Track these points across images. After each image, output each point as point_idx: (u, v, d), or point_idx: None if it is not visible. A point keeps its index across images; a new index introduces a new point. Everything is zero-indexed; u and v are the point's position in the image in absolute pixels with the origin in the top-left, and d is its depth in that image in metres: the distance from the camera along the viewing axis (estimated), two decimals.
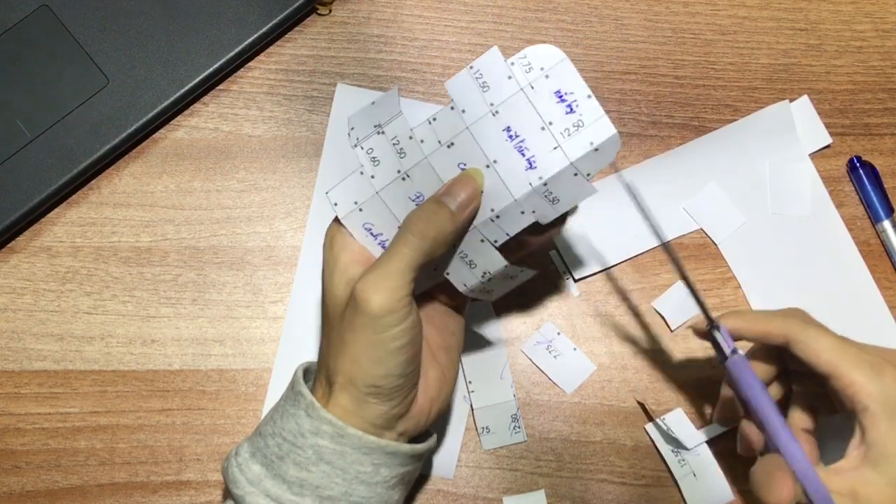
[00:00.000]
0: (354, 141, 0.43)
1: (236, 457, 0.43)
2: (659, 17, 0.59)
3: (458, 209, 0.41)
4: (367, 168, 0.43)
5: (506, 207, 0.42)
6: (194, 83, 0.55)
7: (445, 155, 0.42)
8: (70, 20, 0.55)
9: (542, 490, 0.52)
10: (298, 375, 0.44)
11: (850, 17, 0.59)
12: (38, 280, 0.54)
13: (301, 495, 0.41)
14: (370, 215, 0.43)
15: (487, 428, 0.52)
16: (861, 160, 0.56)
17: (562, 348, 0.54)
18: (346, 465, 0.41)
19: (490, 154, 0.42)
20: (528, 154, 0.42)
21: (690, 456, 0.52)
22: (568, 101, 0.41)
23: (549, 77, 0.41)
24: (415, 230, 0.40)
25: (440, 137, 0.42)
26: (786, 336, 0.42)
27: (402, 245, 0.40)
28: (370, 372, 0.40)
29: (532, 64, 0.42)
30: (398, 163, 0.42)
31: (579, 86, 0.41)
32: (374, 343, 0.40)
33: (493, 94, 0.42)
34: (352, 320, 0.40)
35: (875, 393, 0.39)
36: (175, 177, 0.56)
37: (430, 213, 0.41)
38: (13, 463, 0.52)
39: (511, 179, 0.42)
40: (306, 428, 0.41)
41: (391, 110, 0.42)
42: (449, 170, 0.42)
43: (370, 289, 0.40)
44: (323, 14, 0.58)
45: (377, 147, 0.43)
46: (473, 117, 0.42)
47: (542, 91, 0.41)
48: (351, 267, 0.42)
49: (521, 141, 0.42)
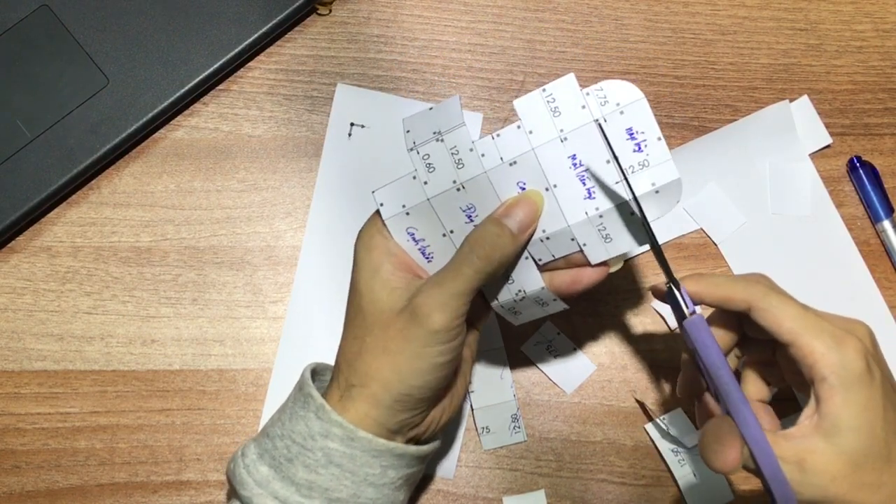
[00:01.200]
0: (411, 144, 0.43)
1: (243, 458, 0.43)
2: (659, 17, 0.59)
3: (519, 231, 0.41)
4: (420, 173, 0.42)
5: (557, 231, 0.42)
6: (194, 83, 0.55)
7: (506, 172, 0.42)
8: (70, 20, 0.55)
9: (542, 490, 0.52)
10: (307, 377, 0.43)
11: (850, 17, 0.59)
12: (38, 280, 0.54)
13: (310, 497, 0.41)
14: (416, 221, 0.43)
15: (487, 428, 0.52)
16: (861, 160, 0.56)
17: (562, 348, 0.54)
18: (355, 467, 0.41)
19: (551, 178, 0.42)
20: (589, 184, 0.42)
21: (690, 456, 0.52)
22: (638, 140, 0.41)
23: (623, 113, 0.41)
24: (480, 253, 0.40)
25: (503, 154, 0.42)
26: (748, 302, 0.41)
27: (467, 266, 0.40)
28: (409, 382, 0.41)
29: (608, 98, 0.42)
30: (455, 173, 0.42)
31: (651, 127, 0.41)
32: (422, 356, 0.41)
33: (563, 120, 0.41)
34: (405, 331, 0.41)
35: (834, 364, 0.38)
36: (175, 177, 0.56)
37: (494, 236, 0.41)
38: (13, 463, 0.52)
39: (567, 205, 0.42)
40: (316, 430, 0.41)
41: (453, 119, 0.42)
42: (507, 187, 0.42)
43: (434, 306, 0.40)
44: (323, 14, 0.58)
45: (434, 154, 0.42)
46: (541, 140, 0.41)
47: (614, 126, 0.41)
48: (395, 276, 0.42)
49: (585, 170, 0.42)
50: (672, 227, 0.55)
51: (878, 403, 0.38)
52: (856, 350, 0.39)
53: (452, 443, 0.52)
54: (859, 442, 0.38)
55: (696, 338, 0.40)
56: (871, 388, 0.38)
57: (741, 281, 0.42)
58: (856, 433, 0.38)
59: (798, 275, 0.55)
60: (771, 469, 0.38)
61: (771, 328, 0.40)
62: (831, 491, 0.38)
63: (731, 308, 0.42)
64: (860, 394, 0.38)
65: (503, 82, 0.57)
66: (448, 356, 0.41)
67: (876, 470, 0.38)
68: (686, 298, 0.42)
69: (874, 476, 0.38)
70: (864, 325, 0.41)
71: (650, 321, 0.54)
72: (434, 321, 0.40)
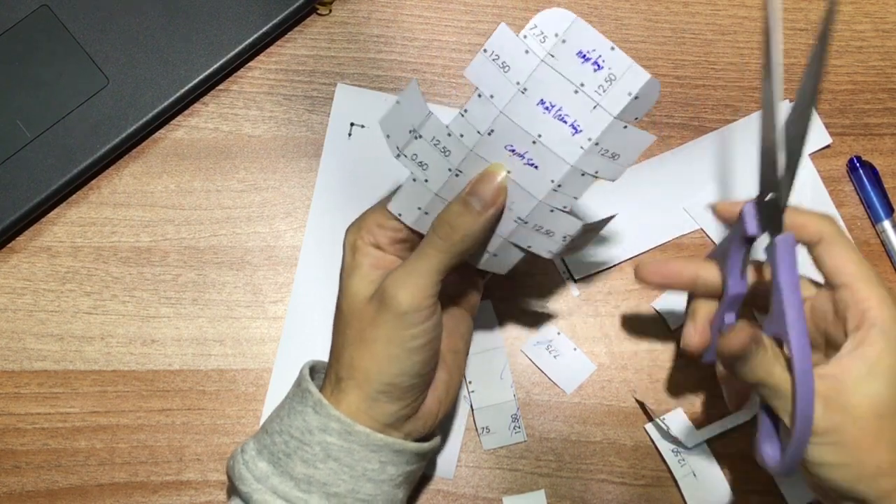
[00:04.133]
0: (395, 151, 0.43)
1: (243, 454, 0.43)
2: (659, 17, 0.59)
3: (483, 207, 0.41)
4: (417, 174, 0.43)
5: (565, 175, 0.42)
6: (194, 83, 0.55)
7: (488, 143, 0.42)
8: (70, 20, 0.55)
9: (542, 490, 0.52)
10: (305, 373, 0.44)
11: (850, 17, 0.59)
12: (38, 280, 0.54)
13: (308, 492, 0.41)
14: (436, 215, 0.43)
15: (487, 428, 0.52)
16: (861, 160, 0.56)
17: (562, 348, 0.54)
18: (353, 462, 0.41)
19: (533, 130, 0.42)
20: (570, 120, 0.41)
21: (690, 456, 0.52)
22: (593, 59, 0.41)
23: (566, 41, 0.41)
24: (441, 233, 0.41)
25: (478, 128, 0.42)
26: (821, 235, 0.42)
27: (428, 247, 0.41)
28: (385, 369, 0.41)
29: (545, 32, 0.41)
30: (446, 161, 0.42)
31: (599, 41, 0.41)
32: (395, 340, 0.41)
33: (515, 72, 0.41)
34: (375, 317, 0.41)
35: (886, 317, 0.39)
36: (175, 177, 0.56)
37: (455, 216, 0.41)
38: (13, 463, 0.52)
39: (561, 148, 0.42)
40: (314, 425, 0.41)
41: (419, 111, 0.42)
42: (497, 154, 0.42)
43: (398, 285, 0.41)
44: (323, 14, 0.58)
45: (420, 151, 0.43)
46: (504, 100, 0.41)
47: (563, 56, 0.41)
48: (372, 271, 0.43)
49: (559, 109, 0.41)
50: (672, 228, 0.55)
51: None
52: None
53: (452, 443, 0.52)
54: (890, 393, 0.38)
55: (782, 257, 0.40)
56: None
57: (816, 215, 0.43)
58: (889, 383, 0.38)
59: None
60: (805, 392, 0.38)
61: (835, 267, 0.41)
62: (848, 432, 0.38)
63: (802, 237, 0.42)
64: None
65: None
66: (422, 339, 0.41)
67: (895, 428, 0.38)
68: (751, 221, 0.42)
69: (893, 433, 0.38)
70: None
71: (650, 321, 0.54)
72: (400, 301, 0.40)
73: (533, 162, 0.42)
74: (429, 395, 0.44)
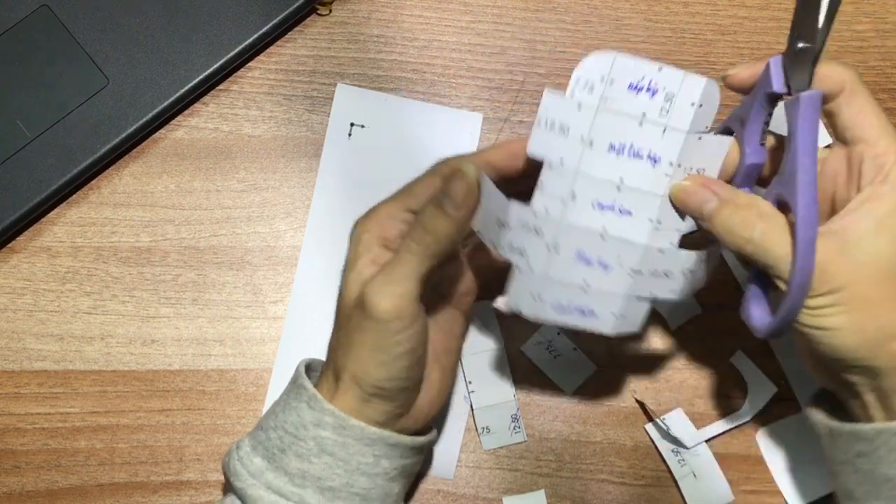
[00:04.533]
0: (491, 246, 0.43)
1: (238, 450, 0.43)
2: (659, 17, 0.59)
3: (455, 208, 0.40)
4: (520, 263, 0.42)
5: (660, 208, 0.41)
6: (194, 83, 0.55)
7: (575, 207, 0.41)
8: (70, 20, 0.55)
9: (542, 490, 0.52)
10: (300, 370, 0.44)
11: (850, 17, 0.59)
12: (38, 280, 0.54)
13: (302, 487, 0.41)
14: (554, 296, 0.42)
15: (487, 428, 0.52)
16: None
17: (562, 348, 0.54)
18: (347, 456, 0.41)
19: (612, 177, 0.41)
20: (645, 153, 0.40)
21: (690, 456, 0.52)
22: (645, 86, 0.40)
23: (613, 81, 0.40)
24: (416, 238, 0.40)
25: (559, 196, 0.41)
26: (843, 84, 0.39)
27: (405, 252, 0.40)
28: (374, 374, 0.41)
29: (590, 80, 0.40)
30: (541, 241, 0.42)
31: (645, 68, 0.40)
32: (379, 347, 0.40)
33: (575, 130, 0.40)
34: (359, 322, 0.41)
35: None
36: (175, 177, 0.56)
37: (427, 218, 0.40)
38: (13, 463, 0.52)
39: (646, 183, 0.41)
40: (308, 419, 0.41)
41: (498, 202, 0.41)
42: (587, 215, 0.41)
43: (377, 293, 0.40)
44: (323, 14, 0.58)
45: (514, 240, 0.42)
46: (574, 160, 0.41)
47: (616, 96, 0.40)
48: (366, 269, 0.42)
49: (630, 147, 0.40)
50: None
51: None
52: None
53: (452, 443, 0.52)
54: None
55: (804, 115, 0.37)
56: None
57: (838, 64, 0.40)
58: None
59: None
60: (806, 253, 0.36)
61: (854, 119, 0.39)
62: (854, 292, 0.36)
63: (822, 86, 0.40)
64: None
65: (503, 82, 0.57)
66: (406, 345, 0.41)
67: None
68: (777, 74, 0.39)
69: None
70: None
71: (650, 321, 0.54)
72: (380, 308, 0.40)
73: (624, 209, 0.41)
74: (421, 393, 0.44)
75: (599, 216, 0.41)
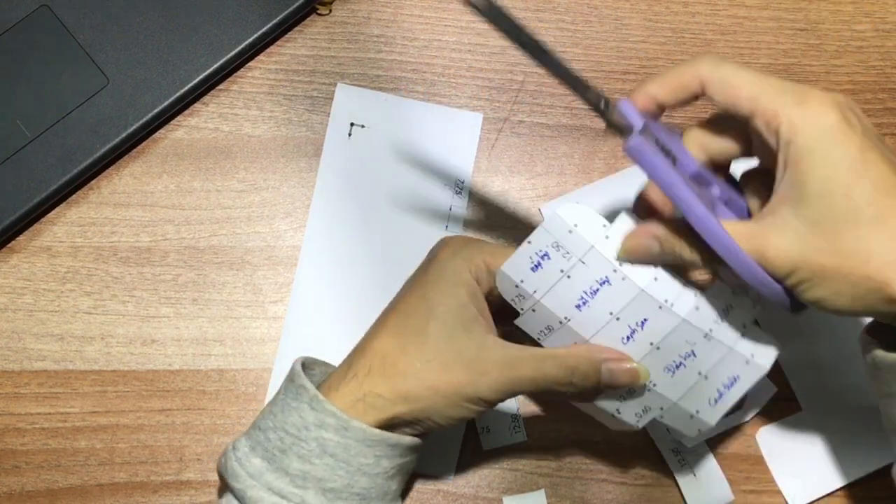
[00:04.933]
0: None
1: (235, 451, 0.43)
2: (659, 17, 0.59)
3: (604, 384, 0.42)
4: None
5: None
6: (194, 83, 0.55)
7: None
8: (70, 20, 0.55)
9: (542, 490, 0.52)
10: (298, 369, 0.44)
11: (850, 17, 0.59)
12: (38, 280, 0.54)
13: (304, 488, 0.41)
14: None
15: (487, 428, 0.52)
16: None
17: None
18: (349, 457, 0.41)
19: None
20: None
21: (690, 456, 0.52)
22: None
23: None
24: (561, 374, 0.41)
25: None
26: (699, 77, 0.37)
27: (544, 372, 0.41)
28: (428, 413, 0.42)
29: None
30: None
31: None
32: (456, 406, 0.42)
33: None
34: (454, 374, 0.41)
35: (799, 123, 0.34)
36: (175, 177, 0.56)
37: (581, 373, 0.41)
38: (13, 463, 0.52)
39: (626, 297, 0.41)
40: (310, 421, 0.41)
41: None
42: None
43: (493, 383, 0.41)
44: (323, 14, 0.58)
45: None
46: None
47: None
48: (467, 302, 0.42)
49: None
50: None
51: (855, 158, 0.33)
52: (822, 102, 0.34)
53: (452, 443, 0.52)
54: (836, 205, 0.34)
55: (642, 159, 0.35)
56: (847, 143, 0.34)
57: (687, 62, 0.38)
58: (829, 195, 0.33)
59: None
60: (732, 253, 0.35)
61: (728, 100, 0.37)
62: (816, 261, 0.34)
63: (689, 94, 0.38)
64: (833, 149, 0.33)
65: (503, 82, 0.57)
66: (476, 413, 0.42)
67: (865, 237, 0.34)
68: (629, 115, 0.37)
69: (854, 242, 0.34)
70: (840, 93, 0.36)
71: None
72: (483, 391, 0.41)
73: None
74: None
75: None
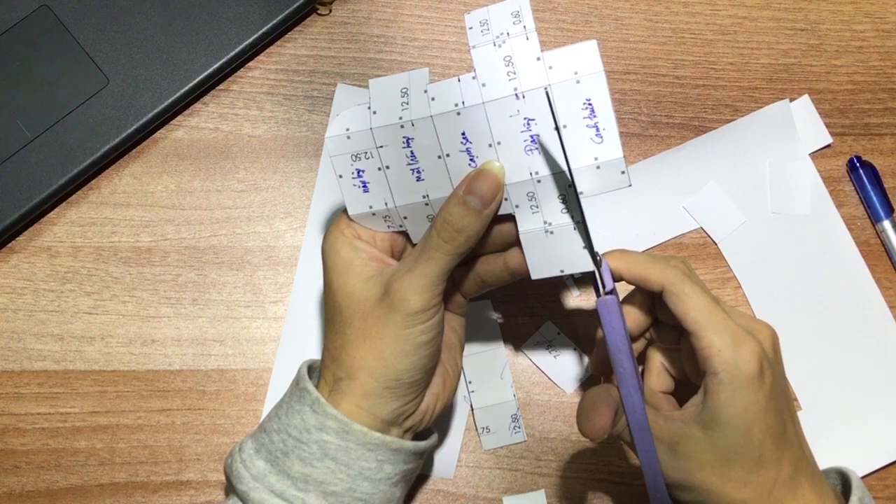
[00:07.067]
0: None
1: (240, 453, 0.43)
2: (659, 17, 0.59)
3: (483, 206, 0.41)
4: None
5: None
6: (194, 83, 0.55)
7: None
8: (70, 20, 0.55)
9: (542, 490, 0.52)
10: (303, 372, 0.44)
11: (850, 17, 0.59)
12: (38, 280, 0.54)
13: (305, 491, 0.41)
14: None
15: (487, 428, 0.52)
16: (861, 160, 0.56)
17: (562, 348, 0.54)
18: (350, 461, 0.41)
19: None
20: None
21: None
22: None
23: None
24: (446, 236, 0.41)
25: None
26: (662, 284, 0.41)
27: (435, 250, 0.41)
28: (394, 366, 0.41)
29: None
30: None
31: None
32: (403, 337, 0.41)
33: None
34: (383, 316, 0.41)
35: (728, 362, 0.39)
36: (175, 177, 0.56)
37: (458, 217, 0.41)
38: (13, 463, 0.52)
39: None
40: (311, 423, 0.41)
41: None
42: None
43: (409, 290, 0.41)
44: (323, 14, 0.58)
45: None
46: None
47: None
48: (367, 267, 0.43)
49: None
50: (672, 226, 0.55)
51: (760, 407, 0.39)
52: (752, 353, 0.40)
53: (452, 443, 0.52)
54: (734, 439, 0.39)
55: (605, 317, 0.41)
56: (759, 392, 0.39)
57: (660, 262, 0.42)
58: (732, 430, 0.39)
59: (798, 274, 0.55)
60: (644, 445, 0.40)
61: (678, 314, 0.41)
62: (697, 478, 0.40)
63: (647, 287, 0.42)
64: (746, 395, 0.39)
65: None
66: (429, 334, 0.42)
67: (745, 469, 0.40)
68: (606, 276, 0.42)
69: (742, 474, 0.40)
70: (769, 328, 0.42)
71: None
72: (411, 304, 0.41)
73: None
74: (428, 389, 0.44)
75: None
